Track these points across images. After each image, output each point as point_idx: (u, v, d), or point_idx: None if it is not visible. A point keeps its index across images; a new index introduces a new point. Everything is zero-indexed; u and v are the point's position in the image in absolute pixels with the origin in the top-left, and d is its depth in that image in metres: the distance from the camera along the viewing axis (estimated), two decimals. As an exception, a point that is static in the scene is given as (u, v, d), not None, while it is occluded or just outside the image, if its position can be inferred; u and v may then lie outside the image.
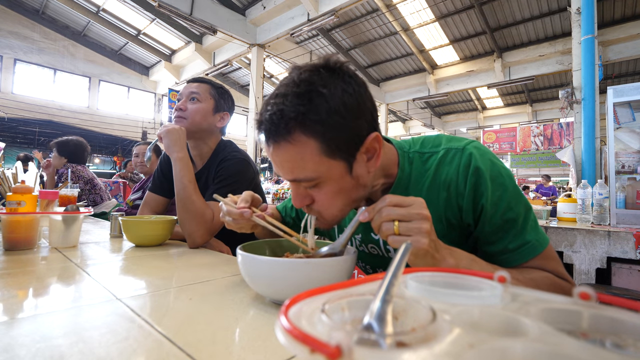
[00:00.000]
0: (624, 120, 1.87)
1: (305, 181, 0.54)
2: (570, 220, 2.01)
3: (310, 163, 0.52)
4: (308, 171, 0.53)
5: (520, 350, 0.17)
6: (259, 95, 7.64)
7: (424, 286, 0.26)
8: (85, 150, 2.58)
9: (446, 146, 0.64)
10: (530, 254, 0.58)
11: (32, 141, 11.35)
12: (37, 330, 0.39)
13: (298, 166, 0.52)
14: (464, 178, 0.59)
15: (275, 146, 0.52)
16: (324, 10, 6.22)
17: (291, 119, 0.49)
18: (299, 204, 0.57)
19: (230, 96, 1.34)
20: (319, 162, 0.52)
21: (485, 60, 9.06)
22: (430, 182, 0.63)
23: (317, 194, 0.56)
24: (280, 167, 0.55)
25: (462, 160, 0.60)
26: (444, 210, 0.62)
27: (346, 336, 0.15)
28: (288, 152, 0.52)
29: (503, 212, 0.58)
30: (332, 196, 0.56)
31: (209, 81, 1.27)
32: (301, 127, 0.50)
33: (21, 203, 0.87)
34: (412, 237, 0.47)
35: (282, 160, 0.53)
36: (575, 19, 3.62)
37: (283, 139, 0.51)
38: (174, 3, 6.31)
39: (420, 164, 0.65)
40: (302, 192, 0.57)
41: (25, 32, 10.23)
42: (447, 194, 0.61)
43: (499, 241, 0.59)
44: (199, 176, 1.25)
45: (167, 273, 0.68)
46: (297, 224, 0.95)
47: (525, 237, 0.58)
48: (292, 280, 0.47)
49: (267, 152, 0.55)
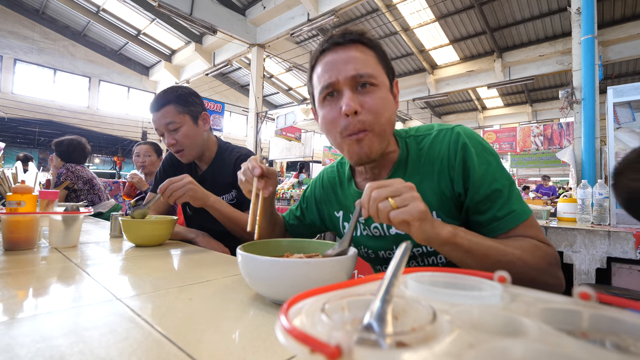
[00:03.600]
0: (624, 120, 1.87)
1: (366, 76, 0.64)
2: (570, 220, 2.01)
3: (371, 63, 0.66)
4: (370, 68, 0.65)
5: (520, 350, 0.17)
6: (259, 95, 7.64)
7: (424, 286, 0.26)
8: (84, 149, 2.54)
9: (438, 128, 0.73)
10: (516, 221, 0.62)
11: (32, 141, 11.35)
12: (37, 330, 0.39)
13: (363, 63, 0.64)
14: (454, 152, 0.67)
15: (345, 46, 0.66)
16: (324, 10, 6.22)
17: (357, 35, 0.67)
18: (353, 106, 0.63)
19: (193, 93, 1.24)
20: (376, 67, 0.66)
21: (485, 60, 9.06)
22: (425, 159, 0.71)
23: (370, 98, 0.64)
24: (345, 62, 0.64)
25: (451, 138, 0.68)
26: (437, 183, 0.69)
27: (346, 336, 0.15)
28: (357, 51, 0.65)
29: (490, 183, 0.64)
30: (382, 102, 0.65)
31: (167, 99, 1.16)
32: (363, 41, 0.67)
33: (21, 203, 0.87)
34: (410, 204, 0.50)
35: (349, 56, 0.65)
36: (575, 19, 3.62)
37: (353, 41, 0.66)
38: (174, 3, 6.31)
39: (415, 145, 0.73)
40: (356, 98, 0.64)
41: (25, 32, 10.23)
42: (439, 167, 0.69)
43: (488, 210, 0.64)
44: (204, 177, 1.27)
45: (167, 273, 0.68)
46: (302, 222, 0.96)
47: (512, 206, 0.63)
48: (292, 280, 0.47)
49: (330, 56, 0.66)
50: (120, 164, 12.85)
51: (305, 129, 9.42)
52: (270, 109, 8.97)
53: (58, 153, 2.47)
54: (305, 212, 0.95)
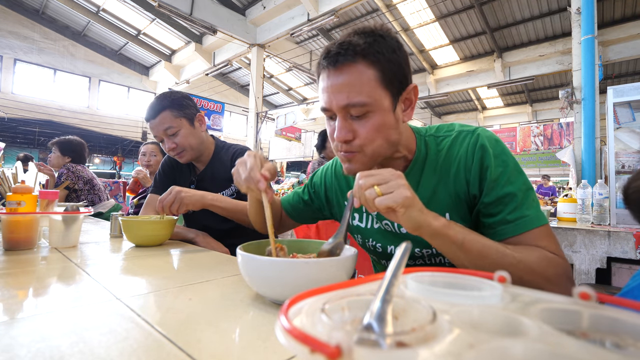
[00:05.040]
0: (624, 120, 1.87)
1: (359, 106, 0.60)
2: (570, 220, 2.01)
3: (367, 87, 0.60)
4: (364, 95, 0.59)
5: (520, 350, 0.17)
6: (259, 95, 7.64)
7: (424, 286, 0.26)
8: (85, 149, 2.60)
9: (459, 129, 0.70)
10: (528, 226, 0.60)
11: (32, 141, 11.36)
12: (37, 330, 0.39)
13: (356, 89, 0.59)
14: (472, 154, 0.65)
15: (339, 69, 0.60)
16: (324, 10, 6.22)
17: (357, 48, 0.59)
18: (343, 136, 0.62)
19: (185, 96, 1.25)
20: (374, 88, 0.60)
21: (485, 60, 9.06)
22: (443, 160, 0.69)
23: (362, 127, 0.62)
24: (337, 90, 0.60)
25: (471, 140, 0.66)
26: (453, 185, 0.67)
27: (346, 336, 0.15)
28: (350, 75, 0.59)
29: (503, 185, 0.62)
30: (376, 129, 0.62)
31: (162, 105, 1.17)
32: (364, 56, 0.59)
33: (21, 203, 0.87)
34: (395, 191, 0.51)
35: (342, 82, 0.60)
36: (575, 19, 3.62)
37: (348, 63, 0.59)
38: (174, 3, 6.31)
39: (435, 145, 0.71)
40: (348, 126, 0.62)
41: (25, 32, 10.23)
42: (456, 169, 0.67)
43: (498, 213, 0.62)
44: (203, 176, 1.30)
45: (167, 273, 0.68)
46: (310, 207, 0.94)
47: (524, 211, 0.61)
48: (292, 280, 0.47)
49: (326, 79, 0.62)
50: (120, 164, 12.85)
51: (305, 129, 9.42)
52: (270, 109, 8.98)
53: (67, 153, 2.50)
54: (314, 196, 0.93)
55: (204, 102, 8.17)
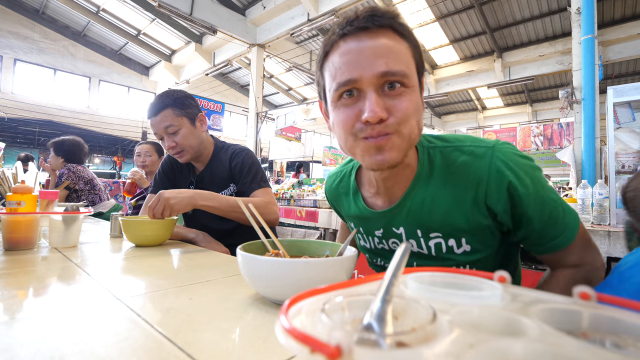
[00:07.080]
0: (624, 120, 1.87)
1: (399, 75, 0.52)
2: (570, 220, 2.01)
3: (404, 57, 0.53)
4: (402, 64, 0.52)
5: (520, 350, 0.17)
6: (259, 95, 7.64)
7: (424, 286, 0.26)
8: (83, 149, 2.55)
9: (472, 144, 0.62)
10: (564, 245, 0.61)
11: (32, 141, 11.35)
12: (37, 330, 0.39)
13: (396, 57, 0.52)
14: (496, 188, 0.58)
15: (373, 32, 0.52)
16: (324, 10, 6.22)
17: (389, 15, 0.53)
18: (378, 112, 0.51)
19: (188, 95, 1.25)
20: (409, 61, 0.54)
21: (485, 60, 9.05)
22: (456, 178, 0.61)
23: (400, 104, 0.52)
24: (373, 55, 0.51)
25: (492, 162, 0.59)
26: (470, 210, 0.61)
27: (346, 336, 0.15)
28: (389, 40, 0.52)
29: (541, 210, 0.59)
30: (413, 108, 0.53)
31: (164, 103, 1.18)
32: (394, 27, 0.53)
33: (21, 203, 0.87)
34: None
35: (379, 47, 0.51)
36: (575, 19, 3.62)
37: (385, 27, 0.52)
38: (174, 3, 6.31)
39: (442, 158, 0.63)
40: (382, 102, 0.52)
41: (25, 32, 10.22)
42: (474, 194, 0.60)
43: (546, 237, 0.61)
44: (202, 176, 1.30)
45: (167, 273, 0.68)
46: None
47: (558, 231, 0.60)
48: (292, 280, 0.47)
49: (353, 44, 0.52)
50: (120, 164, 12.84)
51: (305, 129, 9.41)
52: (270, 109, 8.97)
53: (60, 153, 2.47)
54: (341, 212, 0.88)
55: (204, 102, 8.17)
